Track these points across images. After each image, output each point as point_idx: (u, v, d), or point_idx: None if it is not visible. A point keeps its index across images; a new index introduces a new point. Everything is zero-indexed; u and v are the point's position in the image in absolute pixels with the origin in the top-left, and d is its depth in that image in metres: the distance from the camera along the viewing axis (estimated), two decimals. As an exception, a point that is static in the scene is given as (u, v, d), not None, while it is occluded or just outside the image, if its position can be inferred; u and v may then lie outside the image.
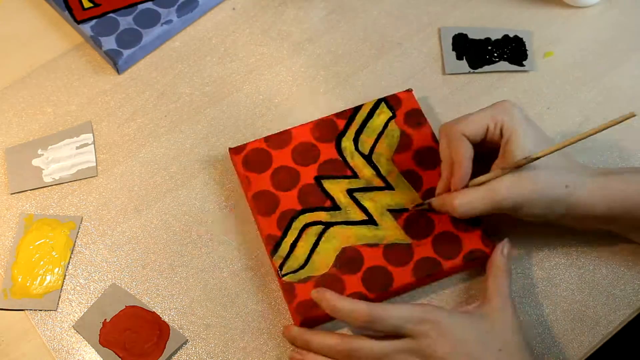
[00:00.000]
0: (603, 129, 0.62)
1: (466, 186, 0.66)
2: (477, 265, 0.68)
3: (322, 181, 0.72)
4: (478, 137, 0.66)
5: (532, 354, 0.63)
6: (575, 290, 0.69)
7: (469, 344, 0.61)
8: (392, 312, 0.62)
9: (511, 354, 0.62)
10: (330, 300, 0.63)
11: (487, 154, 0.67)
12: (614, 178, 0.66)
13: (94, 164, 0.76)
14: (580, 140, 0.63)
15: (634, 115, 0.60)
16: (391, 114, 0.74)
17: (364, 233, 0.69)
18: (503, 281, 0.65)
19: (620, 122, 0.60)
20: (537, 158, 0.63)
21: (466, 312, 0.64)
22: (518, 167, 0.64)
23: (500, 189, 0.64)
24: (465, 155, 0.65)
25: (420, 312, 0.62)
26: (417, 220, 0.69)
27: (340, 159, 0.73)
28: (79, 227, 0.73)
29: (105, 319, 0.68)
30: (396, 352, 0.61)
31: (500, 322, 0.63)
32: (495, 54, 0.80)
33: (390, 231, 0.69)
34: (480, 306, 0.65)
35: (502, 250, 0.67)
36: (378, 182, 0.71)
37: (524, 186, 0.63)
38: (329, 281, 0.67)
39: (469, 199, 0.64)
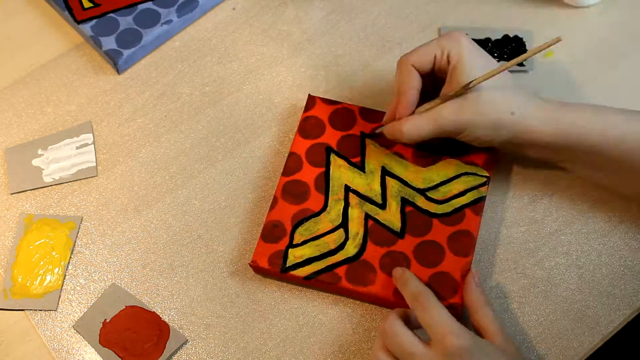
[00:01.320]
0: (535, 53, 0.64)
1: (412, 114, 0.68)
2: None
3: (366, 139, 0.73)
4: (426, 66, 0.68)
5: None
6: (575, 290, 0.69)
7: None
8: (436, 309, 0.61)
9: None
10: (408, 275, 0.65)
11: (440, 86, 0.69)
12: (568, 110, 0.66)
13: (94, 164, 0.76)
14: (513, 64, 0.64)
15: (560, 40, 0.63)
16: (485, 180, 0.71)
17: (369, 210, 0.70)
18: (491, 313, 0.63)
19: (548, 46, 0.63)
20: (469, 85, 0.65)
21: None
22: (458, 94, 0.66)
23: (443, 113, 0.66)
24: (410, 84, 0.68)
25: (457, 326, 0.60)
26: (416, 219, 0.70)
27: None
28: (79, 227, 0.73)
29: (105, 319, 0.68)
30: (425, 357, 0.60)
31: (514, 353, 0.62)
32: (495, 54, 0.80)
33: (389, 215, 0.70)
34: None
35: (475, 281, 0.66)
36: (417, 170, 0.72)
37: (466, 109, 0.66)
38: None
39: (415, 124, 0.67)
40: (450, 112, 0.66)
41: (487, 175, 0.71)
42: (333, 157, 0.73)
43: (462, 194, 0.70)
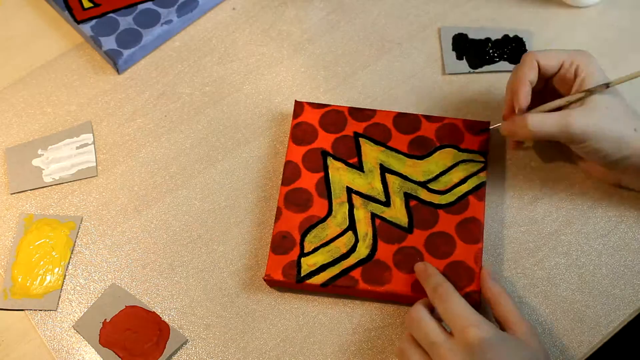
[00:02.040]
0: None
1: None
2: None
3: (360, 139, 0.73)
4: (550, 68, 0.69)
5: None
6: (575, 290, 0.69)
7: None
8: (455, 301, 0.62)
9: None
10: (430, 269, 0.66)
11: (546, 98, 0.69)
12: None
13: (94, 164, 0.76)
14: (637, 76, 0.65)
15: None
16: (483, 165, 0.72)
17: (374, 209, 0.71)
18: (512, 305, 0.64)
19: None
20: (610, 84, 0.66)
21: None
22: (591, 93, 0.66)
23: (573, 115, 0.65)
24: (525, 75, 0.68)
25: (477, 318, 0.61)
26: (422, 212, 0.70)
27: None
28: (79, 227, 0.73)
29: (105, 319, 0.68)
30: (448, 347, 0.60)
31: (536, 347, 0.61)
32: (496, 54, 0.80)
33: (395, 212, 0.70)
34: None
35: (489, 275, 0.66)
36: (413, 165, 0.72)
37: (596, 117, 0.65)
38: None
39: (542, 119, 0.66)
40: (579, 116, 0.65)
41: (484, 160, 0.71)
42: (330, 161, 0.73)
43: (462, 181, 0.71)
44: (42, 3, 0.86)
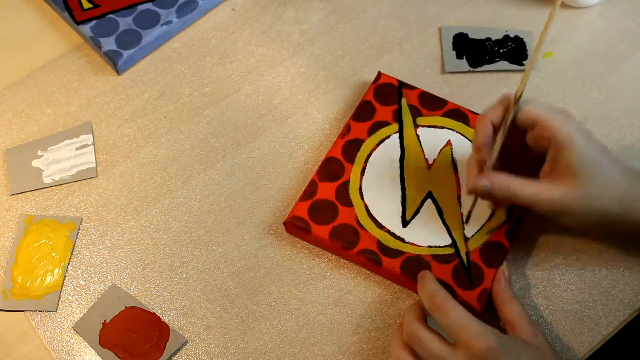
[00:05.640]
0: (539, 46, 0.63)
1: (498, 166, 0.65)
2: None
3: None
4: (500, 120, 0.66)
5: None
6: (575, 290, 0.69)
7: None
8: (454, 311, 0.61)
9: None
10: (427, 278, 0.64)
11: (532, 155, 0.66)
12: None
13: (94, 165, 0.76)
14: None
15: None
16: None
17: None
18: (519, 307, 0.64)
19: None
20: (519, 95, 0.64)
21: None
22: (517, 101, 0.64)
23: (552, 194, 0.62)
24: (481, 131, 0.65)
25: (479, 327, 0.60)
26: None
27: None
28: (79, 228, 0.73)
29: (105, 320, 0.68)
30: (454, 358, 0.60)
31: (540, 347, 0.61)
32: (495, 54, 0.80)
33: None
34: (514, 335, 0.63)
35: (504, 277, 0.66)
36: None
37: (573, 196, 0.62)
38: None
39: (524, 185, 0.63)
40: (559, 191, 0.62)
41: None
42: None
43: None
44: (42, 4, 0.86)
